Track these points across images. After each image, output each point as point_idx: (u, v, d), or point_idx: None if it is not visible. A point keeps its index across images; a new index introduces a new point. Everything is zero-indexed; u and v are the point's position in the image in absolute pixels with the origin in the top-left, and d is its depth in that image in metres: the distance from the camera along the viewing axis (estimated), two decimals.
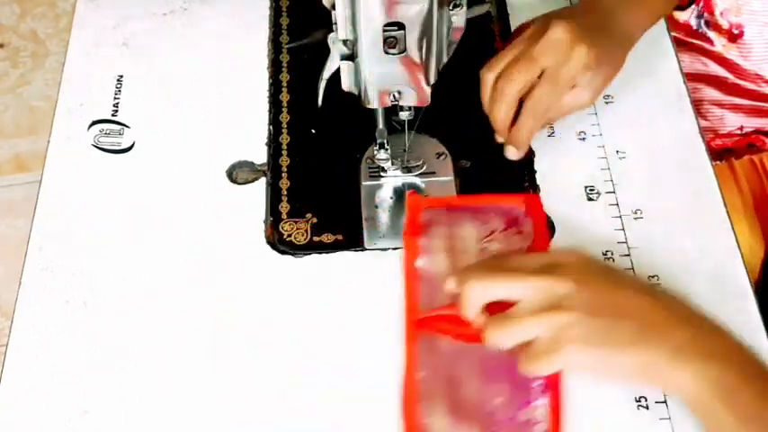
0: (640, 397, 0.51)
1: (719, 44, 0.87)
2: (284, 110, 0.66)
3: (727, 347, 0.46)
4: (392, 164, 0.61)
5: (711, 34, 0.87)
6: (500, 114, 0.57)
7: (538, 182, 0.61)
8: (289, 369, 0.53)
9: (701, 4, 0.87)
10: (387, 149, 0.60)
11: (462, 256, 0.56)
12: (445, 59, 0.53)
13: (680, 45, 0.84)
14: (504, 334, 0.47)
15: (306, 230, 0.60)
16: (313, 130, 0.65)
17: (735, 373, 0.44)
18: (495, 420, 0.50)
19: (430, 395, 0.51)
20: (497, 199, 0.60)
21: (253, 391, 0.52)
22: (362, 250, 0.59)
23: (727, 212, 0.59)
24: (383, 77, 0.52)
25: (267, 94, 0.67)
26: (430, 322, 0.54)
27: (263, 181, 0.62)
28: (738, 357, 0.45)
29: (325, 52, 0.54)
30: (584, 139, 0.64)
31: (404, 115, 0.57)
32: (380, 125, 0.58)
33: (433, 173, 0.62)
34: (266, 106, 0.66)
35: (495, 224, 0.58)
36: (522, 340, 0.47)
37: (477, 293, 0.49)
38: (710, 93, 0.87)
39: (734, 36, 0.87)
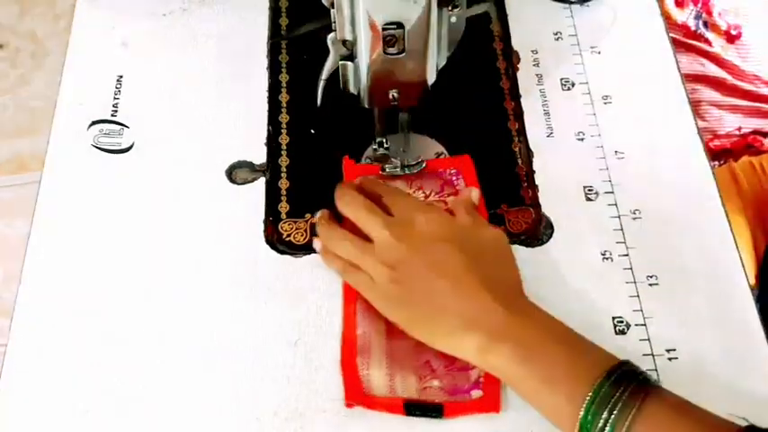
0: None
1: (718, 45, 0.88)
2: (283, 110, 0.67)
3: (524, 324, 0.49)
4: (391, 162, 0.61)
5: (710, 35, 0.88)
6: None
7: (536, 182, 0.62)
8: (288, 368, 0.53)
9: (700, 4, 0.87)
10: (386, 148, 0.60)
11: None
12: (444, 59, 0.54)
13: (678, 46, 0.84)
14: (345, 250, 0.55)
15: (305, 230, 0.60)
16: (312, 131, 0.65)
17: (530, 345, 0.48)
18: (432, 369, 0.52)
19: (367, 350, 0.53)
20: (429, 164, 0.62)
21: (252, 391, 0.53)
22: None
23: (726, 213, 0.59)
24: (383, 77, 0.52)
25: (266, 94, 0.67)
26: None
27: (262, 181, 0.62)
28: (534, 330, 0.49)
29: (324, 52, 0.54)
30: (582, 139, 0.64)
31: (403, 117, 0.57)
32: (379, 124, 0.58)
33: None
34: (265, 106, 0.66)
35: (429, 187, 0.61)
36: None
37: (342, 208, 0.57)
38: (709, 93, 0.87)
39: (732, 37, 0.87)
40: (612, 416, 0.43)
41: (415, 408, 0.51)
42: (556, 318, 0.50)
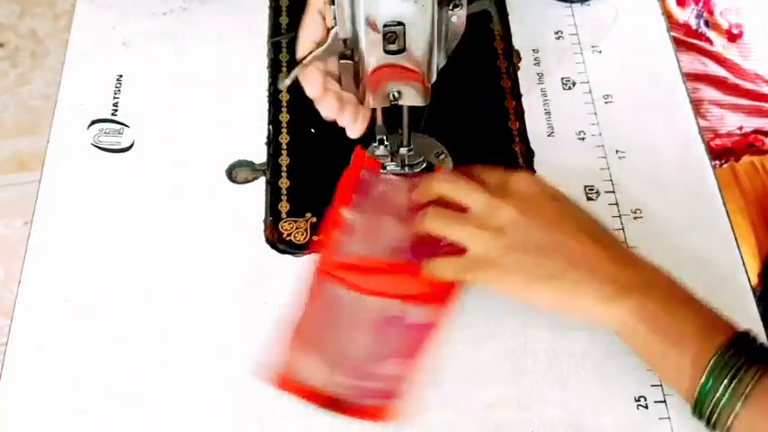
0: (640, 396, 0.51)
1: (719, 44, 0.88)
2: (284, 109, 0.66)
3: (650, 280, 0.48)
4: (391, 160, 0.61)
5: (711, 34, 0.88)
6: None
7: None
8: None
9: (701, 3, 0.87)
10: (386, 146, 0.60)
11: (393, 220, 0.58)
12: (445, 59, 0.53)
13: (679, 45, 0.84)
14: (440, 225, 0.53)
15: (305, 230, 0.60)
16: (313, 130, 0.65)
17: (658, 302, 0.47)
18: (366, 372, 0.52)
19: (308, 337, 0.53)
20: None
21: (252, 391, 0.52)
22: None
23: (727, 212, 0.59)
24: (382, 77, 0.52)
25: (267, 93, 0.67)
26: (335, 268, 0.56)
27: (262, 180, 0.62)
28: (661, 288, 0.48)
29: None
30: (583, 138, 0.64)
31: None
32: (380, 121, 0.58)
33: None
34: (266, 106, 0.66)
35: None
36: (451, 240, 0.52)
37: (439, 186, 0.55)
38: (710, 93, 0.87)
39: (733, 36, 0.87)
40: (733, 383, 0.44)
41: (325, 402, 0.51)
42: (679, 282, 0.49)
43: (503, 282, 0.50)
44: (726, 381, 0.44)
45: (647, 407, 0.51)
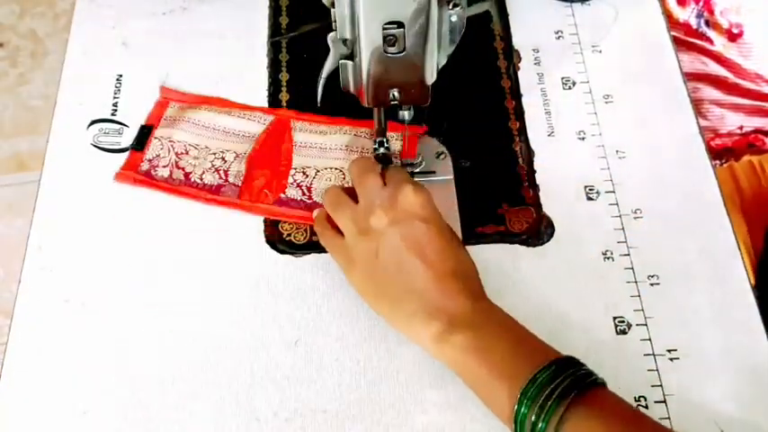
0: (640, 396, 0.51)
1: (719, 43, 0.88)
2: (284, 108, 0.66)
3: (479, 313, 0.49)
4: (391, 161, 0.61)
5: (711, 34, 0.88)
6: None
7: (537, 181, 0.61)
8: (288, 368, 0.53)
9: (701, 3, 0.87)
10: (387, 147, 0.60)
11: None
12: (445, 59, 0.53)
13: (680, 44, 0.84)
14: (330, 205, 0.57)
15: (306, 230, 0.60)
16: None
17: (486, 336, 0.48)
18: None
19: None
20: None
21: (252, 391, 0.52)
22: None
23: (727, 212, 0.59)
24: (383, 77, 0.52)
25: (266, 93, 0.67)
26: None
27: None
28: (489, 321, 0.49)
29: (324, 51, 0.54)
30: (583, 138, 0.64)
31: (405, 115, 0.57)
32: (380, 123, 0.58)
33: (433, 172, 0.62)
34: (265, 105, 0.66)
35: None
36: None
37: (353, 168, 0.58)
38: (710, 92, 0.87)
39: (734, 35, 0.87)
40: (545, 410, 0.43)
41: None
42: (517, 320, 0.50)
43: (351, 280, 0.54)
44: (537, 408, 0.43)
45: (647, 407, 0.51)
